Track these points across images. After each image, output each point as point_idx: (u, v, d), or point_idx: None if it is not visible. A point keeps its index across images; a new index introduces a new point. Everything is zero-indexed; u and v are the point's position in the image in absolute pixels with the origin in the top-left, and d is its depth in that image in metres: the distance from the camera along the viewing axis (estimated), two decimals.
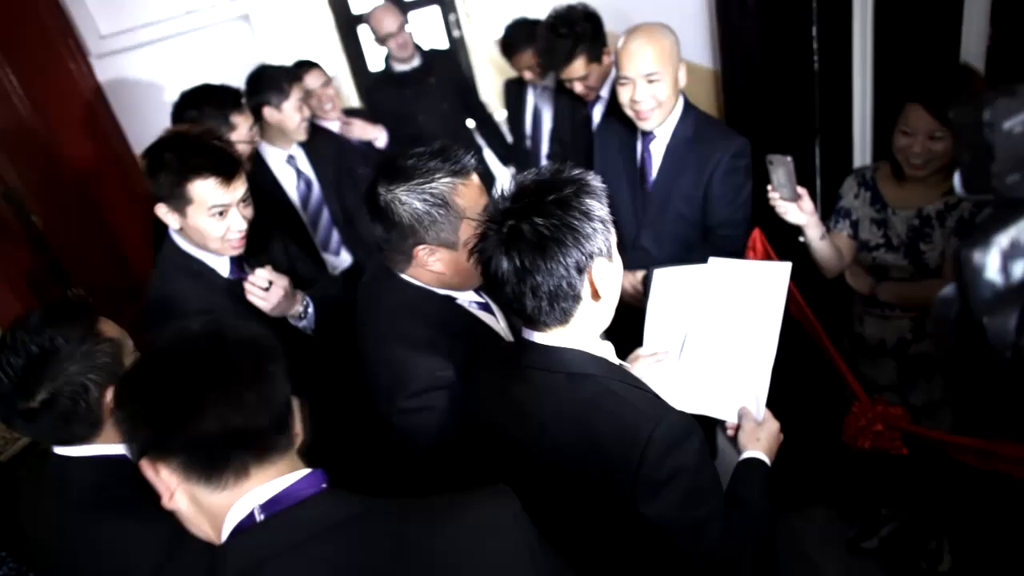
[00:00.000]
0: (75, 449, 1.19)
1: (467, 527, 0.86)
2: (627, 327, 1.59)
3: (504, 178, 3.77)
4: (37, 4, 2.80)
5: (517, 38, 3.11)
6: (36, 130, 2.84)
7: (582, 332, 1.14)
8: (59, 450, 1.20)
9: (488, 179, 3.65)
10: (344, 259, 2.77)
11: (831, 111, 2.16)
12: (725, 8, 2.21)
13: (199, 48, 3.08)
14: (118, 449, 1.19)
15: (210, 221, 1.64)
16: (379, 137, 3.06)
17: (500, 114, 6.37)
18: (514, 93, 3.37)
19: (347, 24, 7.11)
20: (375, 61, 7.01)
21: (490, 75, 6.88)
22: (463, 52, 7.10)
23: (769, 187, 1.71)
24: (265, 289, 1.70)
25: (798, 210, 1.70)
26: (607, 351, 1.20)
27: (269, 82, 2.46)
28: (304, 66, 2.90)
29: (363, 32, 7.14)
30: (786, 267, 1.49)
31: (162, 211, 1.65)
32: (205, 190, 1.60)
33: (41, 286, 2.60)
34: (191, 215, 1.63)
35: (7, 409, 1.15)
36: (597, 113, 2.56)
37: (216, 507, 0.84)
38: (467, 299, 1.45)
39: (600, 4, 2.46)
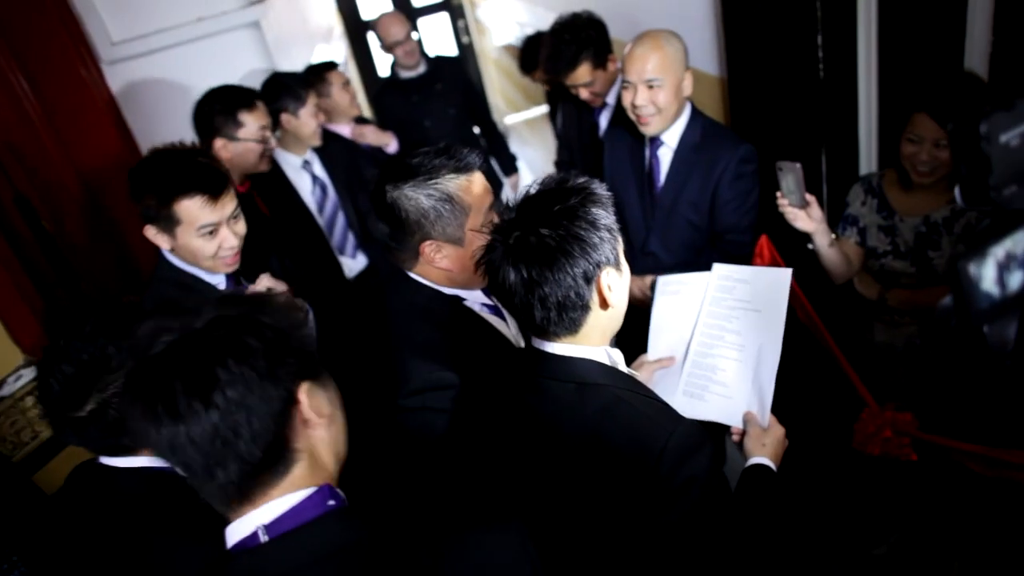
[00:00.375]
0: (122, 460, 1.17)
1: (476, 558, 0.85)
2: (633, 332, 1.60)
3: (508, 187, 3.77)
4: (50, 11, 2.83)
5: (534, 53, 3.14)
6: (47, 135, 2.88)
7: (592, 340, 1.14)
8: (105, 460, 1.18)
9: (493, 183, 3.65)
10: (360, 261, 2.81)
11: (837, 119, 2.15)
12: (731, 16, 2.22)
13: (210, 54, 3.10)
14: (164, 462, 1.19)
15: (200, 241, 1.60)
16: (390, 143, 3.10)
17: (510, 118, 6.42)
18: (552, 98, 3.39)
19: (356, 30, 7.17)
20: (384, 67, 7.07)
21: (499, 81, 6.91)
22: (472, 59, 7.14)
23: (778, 194, 1.71)
24: None
25: (807, 217, 1.70)
26: (617, 359, 1.20)
27: (286, 89, 2.50)
28: (325, 67, 2.96)
29: (372, 38, 7.19)
30: (787, 273, 1.49)
31: (151, 233, 1.62)
32: (192, 209, 1.57)
33: (51, 291, 2.63)
34: (180, 235, 1.61)
35: (57, 417, 1.13)
36: (604, 120, 2.57)
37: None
38: (477, 301, 1.46)
39: (609, 12, 2.48)
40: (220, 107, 2.18)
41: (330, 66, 2.97)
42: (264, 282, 1.71)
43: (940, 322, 0.69)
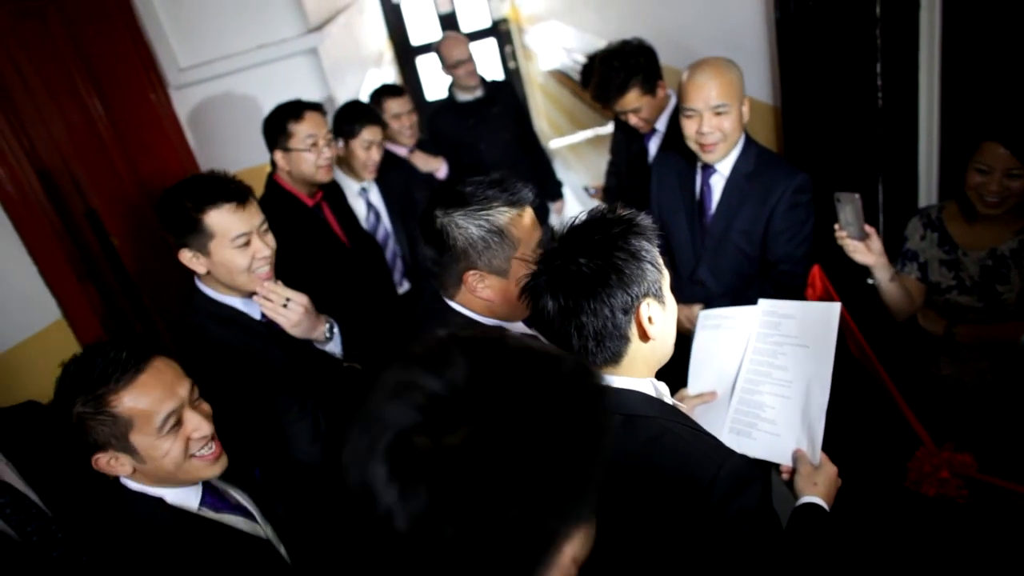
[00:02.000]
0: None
1: None
2: (674, 363, 1.58)
3: (553, 212, 3.77)
4: (124, 39, 2.99)
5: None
6: (117, 155, 3.03)
7: (636, 372, 1.13)
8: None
9: (543, 211, 3.66)
10: (404, 288, 2.85)
11: (895, 148, 2.11)
12: (786, 44, 2.21)
13: (270, 80, 3.22)
14: (151, 490, 1.25)
15: (235, 253, 1.60)
16: (440, 168, 3.13)
17: (555, 142, 6.47)
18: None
19: (405, 56, 7.37)
20: (432, 91, 7.23)
21: (544, 106, 6.98)
22: (518, 84, 7.25)
23: (836, 225, 1.68)
24: (283, 307, 1.66)
25: (866, 250, 1.66)
26: (663, 391, 1.19)
27: (346, 116, 2.57)
28: (386, 92, 3.01)
29: (421, 63, 7.37)
30: (836, 307, 1.44)
31: (187, 257, 1.62)
32: (222, 219, 1.58)
33: (115, 305, 2.74)
34: (215, 251, 1.60)
35: None
36: (653, 146, 2.57)
37: None
38: (517, 331, 1.46)
39: (660, 39, 2.49)
40: (274, 120, 2.29)
41: (390, 92, 3.01)
42: (280, 292, 1.65)
43: (1021, 358, 0.66)
